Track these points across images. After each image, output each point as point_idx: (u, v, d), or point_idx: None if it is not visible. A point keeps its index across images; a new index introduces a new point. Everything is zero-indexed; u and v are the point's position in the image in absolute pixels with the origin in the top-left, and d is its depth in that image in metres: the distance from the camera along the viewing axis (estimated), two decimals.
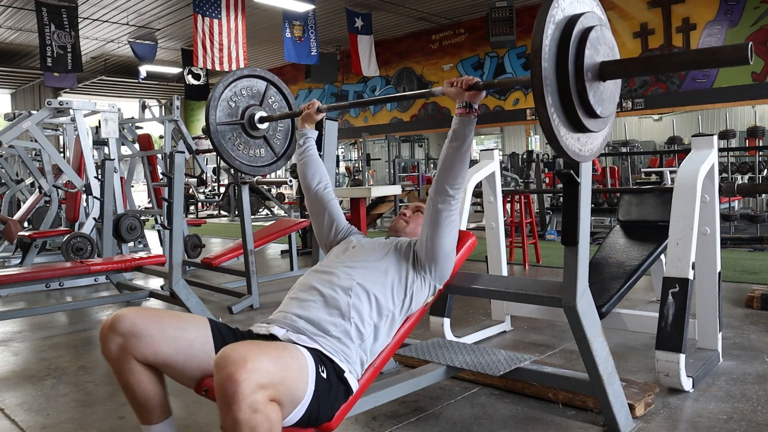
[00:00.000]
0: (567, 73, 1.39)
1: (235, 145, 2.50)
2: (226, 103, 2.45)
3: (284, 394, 1.33)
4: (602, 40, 1.47)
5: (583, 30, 1.44)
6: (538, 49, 1.34)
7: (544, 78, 1.35)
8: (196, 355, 1.52)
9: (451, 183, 1.78)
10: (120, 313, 1.52)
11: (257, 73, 2.57)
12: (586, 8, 1.52)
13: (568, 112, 1.42)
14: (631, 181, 8.70)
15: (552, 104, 1.37)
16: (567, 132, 1.43)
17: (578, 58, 1.41)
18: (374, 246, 1.91)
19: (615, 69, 1.47)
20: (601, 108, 1.46)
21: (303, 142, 2.22)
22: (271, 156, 2.63)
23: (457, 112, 1.76)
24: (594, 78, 1.44)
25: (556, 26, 1.39)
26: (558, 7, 1.40)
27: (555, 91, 1.39)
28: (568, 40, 1.40)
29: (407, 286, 1.81)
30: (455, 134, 1.76)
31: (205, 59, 8.75)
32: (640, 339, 3.02)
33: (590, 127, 1.47)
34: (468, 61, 11.52)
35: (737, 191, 3.71)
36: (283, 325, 1.63)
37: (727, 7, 8.44)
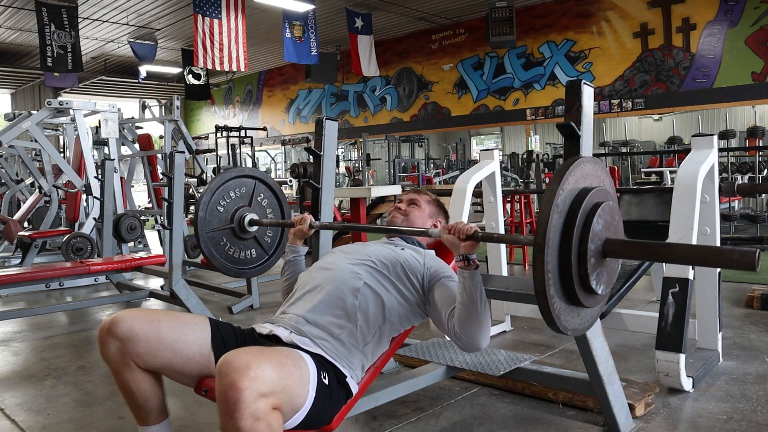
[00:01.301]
0: (570, 263, 1.36)
1: (225, 250, 2.47)
2: (214, 209, 2.41)
3: (285, 401, 1.33)
4: (607, 217, 1.43)
5: (587, 212, 1.39)
6: (542, 245, 1.30)
7: (546, 273, 1.31)
8: (194, 357, 1.52)
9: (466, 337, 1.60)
10: (117, 316, 1.52)
11: (245, 173, 2.51)
12: (592, 182, 1.47)
13: (569, 297, 1.40)
14: (631, 181, 8.70)
15: (554, 295, 1.35)
16: (567, 315, 1.42)
17: (581, 246, 1.37)
18: (381, 249, 1.85)
19: (619, 251, 1.43)
20: (602, 287, 1.44)
21: (292, 259, 2.08)
22: (262, 255, 2.59)
23: (456, 264, 1.60)
24: (597, 260, 1.41)
25: (560, 215, 1.35)
26: (562, 193, 1.35)
27: (557, 281, 1.36)
28: (572, 229, 1.36)
29: (412, 302, 1.76)
30: (464, 288, 1.58)
31: (206, 59, 8.75)
32: (640, 339, 3.02)
33: (589, 305, 1.46)
34: (468, 61, 11.51)
35: (737, 191, 3.70)
36: (288, 327, 1.62)
37: (727, 7, 8.44)
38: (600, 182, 1.50)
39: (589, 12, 9.83)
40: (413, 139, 13.39)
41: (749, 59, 8.32)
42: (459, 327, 1.59)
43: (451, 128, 12.47)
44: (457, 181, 3.06)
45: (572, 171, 1.40)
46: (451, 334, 1.63)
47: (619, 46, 9.56)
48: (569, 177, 1.39)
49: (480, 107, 11.39)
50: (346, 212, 7.47)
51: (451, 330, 1.62)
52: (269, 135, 15.26)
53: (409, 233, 1.91)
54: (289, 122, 15.17)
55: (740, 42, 8.37)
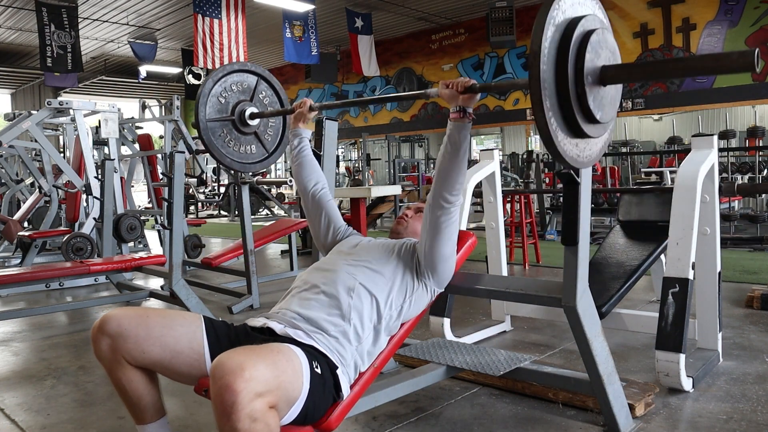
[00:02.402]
0: (566, 77, 1.35)
1: (225, 142, 2.47)
2: (216, 99, 2.41)
3: (281, 398, 1.33)
4: (603, 43, 1.44)
5: (584, 33, 1.40)
6: (537, 51, 1.30)
7: (542, 81, 1.31)
8: (183, 351, 1.52)
9: (449, 190, 1.73)
10: (108, 314, 1.53)
11: (247, 68, 2.52)
12: (587, 11, 1.48)
13: (567, 116, 1.38)
14: (631, 181, 8.70)
15: (550, 108, 1.33)
16: (565, 137, 1.40)
17: (578, 61, 1.37)
18: (379, 246, 1.89)
19: (617, 74, 1.43)
20: (601, 113, 1.43)
21: (297, 143, 2.16)
22: (262, 152, 2.60)
23: (450, 116, 1.69)
24: (594, 82, 1.41)
25: (556, 28, 1.35)
26: (559, 8, 1.37)
27: (553, 94, 1.35)
28: (569, 42, 1.36)
29: (408, 292, 1.79)
30: (450, 140, 1.70)
31: (206, 59, 8.75)
32: (640, 339, 3.02)
33: (589, 132, 1.43)
34: (468, 61, 11.52)
35: (737, 191, 3.71)
36: (282, 321, 1.63)
37: (727, 7, 8.44)
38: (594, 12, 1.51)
39: None
40: (413, 139, 13.40)
41: None
42: (443, 186, 1.72)
43: None
44: None
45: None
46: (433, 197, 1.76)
47: (619, 46, 9.45)
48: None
49: (480, 107, 11.40)
50: (346, 212, 7.47)
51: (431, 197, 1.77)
52: None
53: (406, 97, 2.08)
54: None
55: (740, 42, 8.37)
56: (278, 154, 2.65)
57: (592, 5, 1.52)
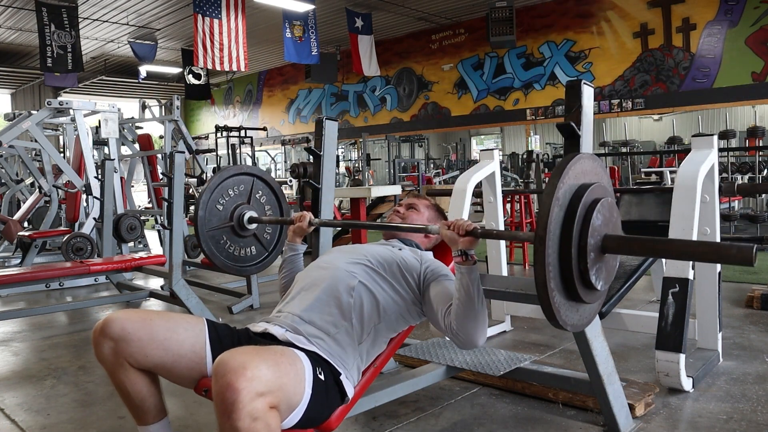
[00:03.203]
0: (570, 256, 1.37)
1: (225, 248, 2.48)
2: (213, 207, 2.42)
3: (282, 399, 1.33)
4: (605, 213, 1.45)
5: (587, 207, 1.41)
6: (543, 237, 1.32)
7: (547, 265, 1.33)
8: (185, 355, 1.52)
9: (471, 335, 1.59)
10: (110, 317, 1.52)
11: (243, 171, 2.52)
12: (591, 179, 1.48)
13: (569, 291, 1.41)
14: (631, 181, 8.70)
15: (554, 288, 1.36)
16: (566, 309, 1.42)
17: (581, 240, 1.39)
18: (383, 251, 1.84)
19: (617, 247, 1.45)
20: (601, 283, 1.45)
21: (290, 257, 2.08)
22: (261, 251, 2.60)
23: (454, 260, 1.60)
24: (596, 255, 1.42)
25: (560, 208, 1.37)
26: (563, 186, 1.37)
27: (557, 275, 1.37)
28: (572, 222, 1.37)
29: (408, 302, 1.76)
30: (462, 284, 1.57)
31: (206, 59, 8.75)
32: (640, 339, 3.02)
33: (588, 300, 1.46)
34: (468, 61, 11.52)
35: (737, 191, 3.70)
36: (283, 325, 1.63)
37: (727, 7, 8.44)
38: (598, 179, 1.51)
39: (589, 12, 9.83)
40: (413, 139, 13.40)
41: (749, 59, 8.32)
42: (456, 324, 1.59)
43: (451, 128, 12.47)
44: (457, 181, 3.06)
45: (572, 166, 1.41)
46: (448, 331, 1.63)
47: (619, 46, 9.56)
48: (569, 171, 1.40)
49: (480, 107, 11.40)
50: (346, 212, 7.47)
51: (448, 327, 1.63)
52: (269, 135, 15.26)
53: (408, 230, 1.92)
54: (289, 122, 15.18)
55: (740, 42, 8.38)
56: (278, 252, 2.63)
57: (593, 167, 1.51)
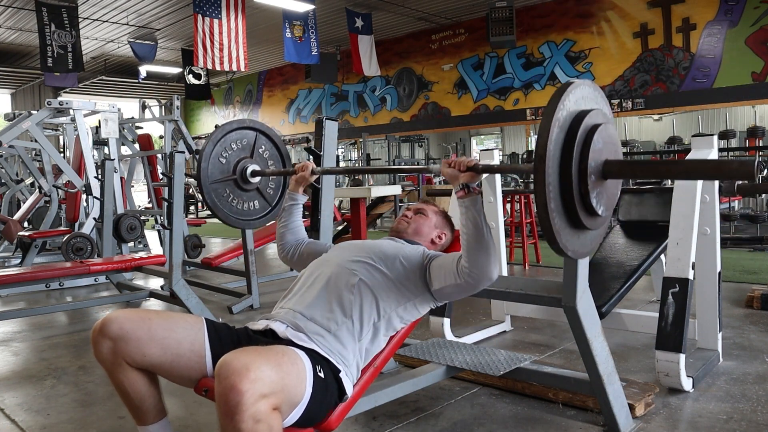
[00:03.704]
0: (571, 179, 1.36)
1: (229, 201, 2.47)
2: (216, 160, 2.41)
3: (285, 400, 1.33)
4: (607, 138, 1.45)
5: (587, 130, 1.40)
6: (542, 155, 1.31)
7: (547, 185, 1.32)
8: (184, 354, 1.52)
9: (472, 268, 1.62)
10: (108, 316, 1.53)
11: (245, 125, 2.52)
12: (591, 105, 1.48)
13: (570, 215, 1.40)
14: (631, 181, 8.69)
15: (554, 209, 1.35)
16: (568, 235, 1.42)
17: (582, 162, 1.38)
18: (385, 246, 1.86)
19: (618, 171, 1.44)
20: (602, 208, 1.45)
21: (290, 206, 2.12)
22: (264, 206, 2.60)
23: (456, 194, 1.64)
24: (597, 179, 1.42)
25: (560, 129, 1.36)
26: (563, 108, 1.37)
27: (558, 196, 1.37)
28: (572, 144, 1.37)
29: (409, 297, 1.76)
30: (468, 217, 1.61)
31: (206, 59, 8.75)
32: (640, 339, 3.02)
33: (590, 226, 1.46)
34: (468, 61, 11.51)
35: (737, 191, 3.70)
36: (284, 321, 1.63)
37: (727, 7, 8.44)
38: (599, 106, 1.51)
39: (589, 12, 9.83)
40: (413, 139, 13.38)
41: (749, 59, 8.31)
42: (468, 261, 1.62)
43: (451, 128, 12.47)
44: None
45: (572, 90, 1.41)
46: (463, 275, 1.64)
47: (619, 46, 9.56)
48: (569, 95, 1.40)
49: (480, 107, 11.39)
50: (346, 212, 7.47)
51: (462, 271, 1.64)
52: None
53: (409, 171, 1.99)
54: (289, 122, 15.18)
55: (740, 42, 8.37)
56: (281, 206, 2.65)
57: (594, 97, 1.51)
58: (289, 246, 2.10)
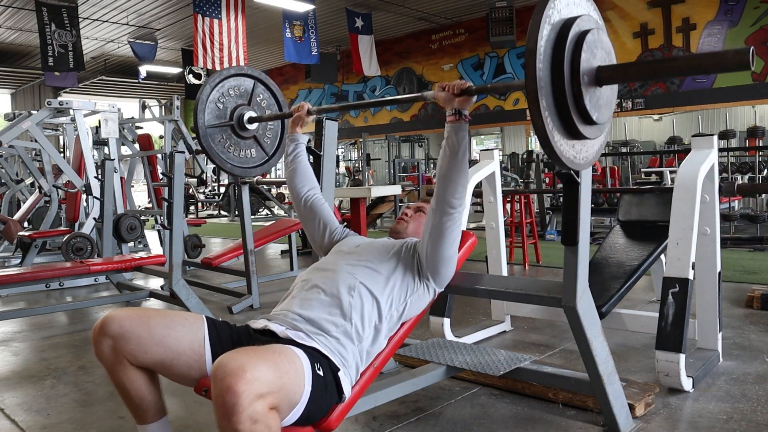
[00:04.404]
0: (563, 76, 1.34)
1: (225, 147, 2.46)
2: (213, 105, 2.40)
3: (283, 399, 1.33)
4: (599, 43, 1.43)
5: (579, 32, 1.39)
6: (533, 50, 1.30)
7: (538, 80, 1.30)
8: (184, 353, 1.52)
9: (452, 194, 1.72)
10: (109, 315, 1.53)
11: (244, 72, 2.51)
12: (582, 11, 1.48)
13: (563, 116, 1.37)
14: (631, 181, 8.70)
15: (546, 107, 1.33)
16: (561, 138, 1.39)
17: (574, 61, 1.36)
18: (379, 246, 1.89)
19: (612, 74, 1.42)
20: (598, 114, 1.42)
21: (293, 148, 2.17)
22: (262, 156, 2.60)
23: (447, 119, 1.70)
24: (590, 83, 1.40)
25: (552, 27, 1.35)
26: (554, 8, 1.36)
27: (549, 93, 1.34)
28: (564, 41, 1.36)
29: (408, 291, 1.79)
30: (448, 143, 1.70)
31: (206, 59, 8.75)
32: (640, 339, 3.02)
33: (586, 133, 1.43)
34: (468, 61, 11.52)
35: (737, 191, 3.71)
36: (283, 323, 1.63)
37: (727, 7, 8.44)
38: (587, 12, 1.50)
39: None
40: (413, 139, 13.40)
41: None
42: (437, 190, 1.71)
43: None
44: None
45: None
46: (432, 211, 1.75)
47: (619, 46, 9.56)
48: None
49: (480, 107, 11.39)
50: (346, 212, 7.47)
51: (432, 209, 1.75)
52: None
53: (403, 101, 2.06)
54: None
55: (740, 42, 8.37)
56: (278, 157, 2.66)
57: (586, 6, 1.51)
58: (301, 190, 2.14)
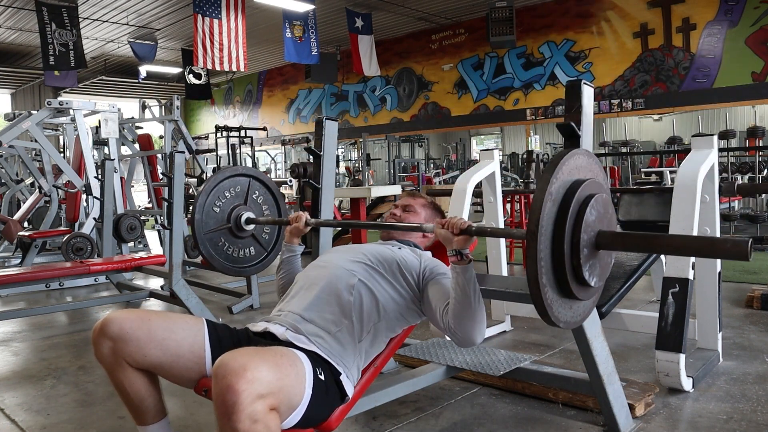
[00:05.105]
0: (563, 252, 1.36)
1: (224, 250, 2.47)
2: (210, 210, 2.41)
3: (283, 400, 1.33)
4: (600, 209, 1.44)
5: (580, 203, 1.40)
6: (534, 232, 1.30)
7: (539, 261, 1.32)
8: (184, 355, 1.52)
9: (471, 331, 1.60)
10: (108, 317, 1.53)
11: (239, 172, 2.52)
12: (585, 174, 1.47)
13: (562, 287, 1.40)
14: (631, 181, 8.70)
15: (546, 284, 1.35)
16: (560, 305, 1.41)
17: (574, 236, 1.38)
18: (383, 250, 1.84)
19: (611, 243, 1.44)
20: (595, 279, 1.44)
21: (288, 258, 2.10)
22: (260, 252, 2.60)
23: (450, 260, 1.61)
24: (590, 251, 1.41)
25: (553, 203, 1.36)
26: (556, 181, 1.36)
27: (550, 270, 1.36)
28: (565, 218, 1.36)
29: (408, 300, 1.75)
30: (458, 285, 1.58)
31: (205, 59, 8.75)
32: (640, 339, 3.02)
33: (582, 297, 1.45)
34: (468, 61, 11.51)
35: (737, 191, 3.70)
36: (284, 324, 1.63)
37: (727, 7, 8.44)
38: (593, 175, 1.50)
39: (589, 12, 9.83)
40: (413, 139, 13.39)
41: (749, 59, 8.32)
42: (453, 322, 1.60)
43: (451, 128, 12.47)
44: (457, 181, 3.06)
45: (566, 161, 1.41)
46: (447, 329, 1.64)
47: (619, 46, 9.56)
48: (563, 167, 1.39)
49: (480, 107, 11.39)
50: (346, 212, 7.47)
51: (446, 326, 1.63)
52: (269, 135, 15.26)
53: (404, 229, 1.93)
54: (289, 122, 15.17)
55: (740, 42, 8.37)
56: (277, 251, 2.62)
57: (588, 163, 1.49)
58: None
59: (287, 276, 2.07)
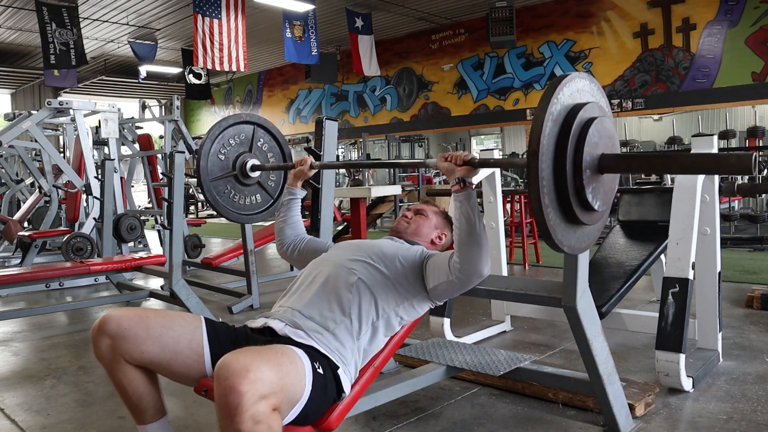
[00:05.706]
0: (565, 173, 1.34)
1: (230, 198, 2.47)
2: (215, 158, 2.40)
3: (284, 399, 1.34)
4: (602, 131, 1.42)
5: (582, 124, 1.38)
6: (535, 150, 1.29)
7: (540, 180, 1.30)
8: (182, 352, 1.53)
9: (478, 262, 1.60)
10: (107, 314, 1.54)
11: (243, 119, 2.50)
12: (587, 98, 1.46)
13: (565, 209, 1.38)
14: (631, 180, 8.69)
15: (548, 204, 1.33)
16: (563, 229, 1.40)
17: (577, 156, 1.36)
18: (384, 245, 1.86)
19: (615, 165, 1.42)
20: (599, 203, 1.43)
21: (288, 201, 2.12)
22: (267, 199, 2.59)
23: (452, 189, 1.64)
24: (593, 173, 1.40)
25: (554, 123, 1.34)
26: (557, 102, 1.35)
27: (552, 191, 1.34)
28: (567, 137, 1.35)
29: (408, 297, 1.76)
30: (462, 213, 1.61)
31: (205, 59, 8.75)
32: (640, 339, 3.02)
33: (586, 221, 1.43)
34: (468, 61, 11.51)
35: (737, 191, 3.71)
36: (282, 319, 1.63)
37: (727, 7, 8.44)
38: (595, 99, 1.49)
39: (589, 12, 9.83)
40: (413, 139, 13.39)
41: (749, 59, 8.32)
42: (459, 256, 1.62)
43: (451, 128, 12.47)
44: None
45: (567, 83, 1.39)
46: (455, 271, 1.65)
47: (619, 46, 9.56)
48: (564, 88, 1.37)
49: (480, 107, 11.39)
50: (346, 212, 7.47)
51: (453, 267, 1.65)
52: None
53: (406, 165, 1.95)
54: (289, 122, 15.18)
55: (740, 42, 8.37)
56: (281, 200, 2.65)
57: (590, 88, 1.48)
58: (288, 241, 2.10)
59: (286, 219, 2.10)
